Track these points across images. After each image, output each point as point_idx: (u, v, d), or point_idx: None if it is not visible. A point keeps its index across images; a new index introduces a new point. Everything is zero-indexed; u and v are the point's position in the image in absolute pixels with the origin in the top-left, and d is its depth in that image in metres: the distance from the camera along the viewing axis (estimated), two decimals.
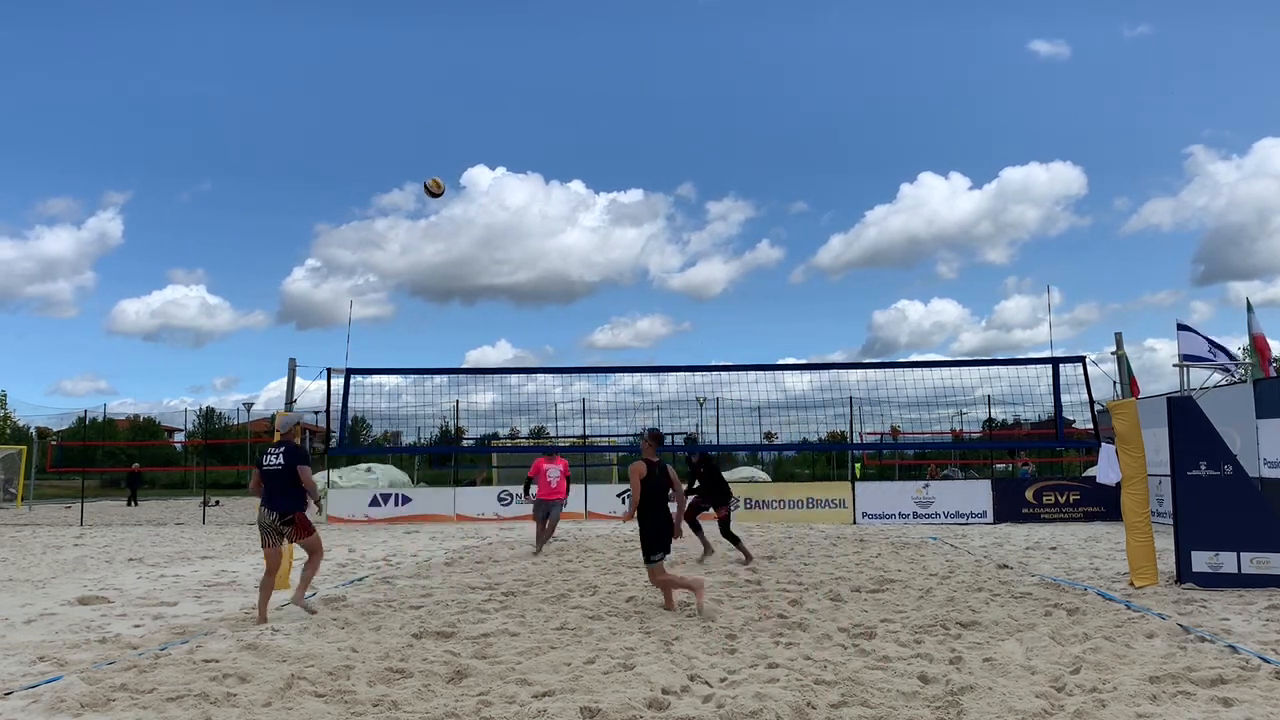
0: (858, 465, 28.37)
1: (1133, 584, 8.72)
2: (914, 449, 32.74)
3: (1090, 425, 10.57)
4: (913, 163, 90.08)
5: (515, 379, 13.37)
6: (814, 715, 4.46)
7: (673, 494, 7.95)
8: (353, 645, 6.24)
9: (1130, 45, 75.56)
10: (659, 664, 5.53)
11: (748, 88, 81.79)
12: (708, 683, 5.11)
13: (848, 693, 4.80)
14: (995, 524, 18.33)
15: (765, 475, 32.28)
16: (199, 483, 35.11)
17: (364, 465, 30.20)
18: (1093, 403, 10.34)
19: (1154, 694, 4.71)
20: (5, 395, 48.44)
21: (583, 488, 20.17)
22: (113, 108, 78.01)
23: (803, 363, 13.48)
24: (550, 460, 13.25)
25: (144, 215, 78.63)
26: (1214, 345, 15.26)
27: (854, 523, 18.98)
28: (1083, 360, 10.43)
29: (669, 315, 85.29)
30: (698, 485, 11.92)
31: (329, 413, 10.91)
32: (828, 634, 6.51)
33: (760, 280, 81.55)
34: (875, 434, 24.57)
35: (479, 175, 73.27)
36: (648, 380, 13.56)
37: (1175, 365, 15.41)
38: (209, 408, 52.21)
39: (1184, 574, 8.52)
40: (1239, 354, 17.06)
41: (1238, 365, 16.12)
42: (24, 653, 6.17)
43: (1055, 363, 10.56)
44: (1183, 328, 15.44)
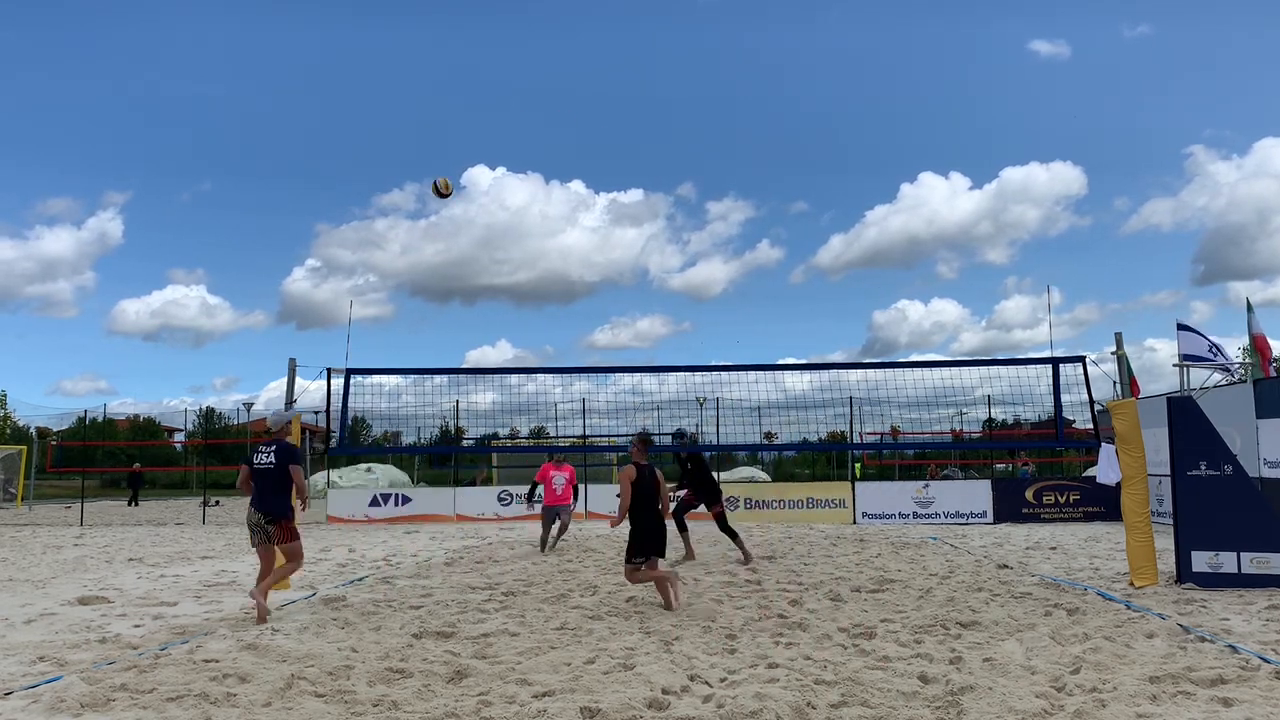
0: (858, 465, 28.36)
1: (1133, 584, 8.72)
2: (914, 449, 32.74)
3: (1090, 425, 10.56)
4: (913, 163, 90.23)
5: (515, 379, 13.38)
6: (814, 715, 4.46)
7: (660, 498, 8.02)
8: (353, 645, 6.24)
9: (1130, 45, 75.66)
10: (659, 664, 5.53)
11: (748, 88, 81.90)
12: (708, 683, 5.11)
13: (848, 693, 4.80)
14: (995, 524, 18.33)
15: (765, 475, 32.30)
16: (199, 483, 35.10)
17: (364, 465, 30.26)
18: (1093, 403, 10.34)
19: (1154, 694, 4.71)
20: (5, 395, 48.51)
21: (583, 488, 20.14)
22: (113, 108, 78.13)
23: (803, 363, 13.48)
24: (558, 467, 13.33)
25: (144, 215, 78.72)
26: (1213, 345, 15.26)
27: (854, 523, 18.98)
28: (1083, 360, 10.42)
29: (669, 315, 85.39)
30: (685, 481, 11.88)
31: (329, 413, 10.91)
32: (828, 634, 6.51)
33: (760, 280, 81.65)
34: (875, 434, 24.55)
35: (479, 175, 73.32)
36: (648, 380, 13.56)
37: (1175, 365, 15.42)
38: (209, 408, 52.24)
39: (1184, 574, 8.53)
40: (1237, 355, 17.06)
41: (1238, 366, 16.13)
42: (24, 653, 6.17)
43: (1055, 363, 10.55)
44: (1183, 328, 15.45)
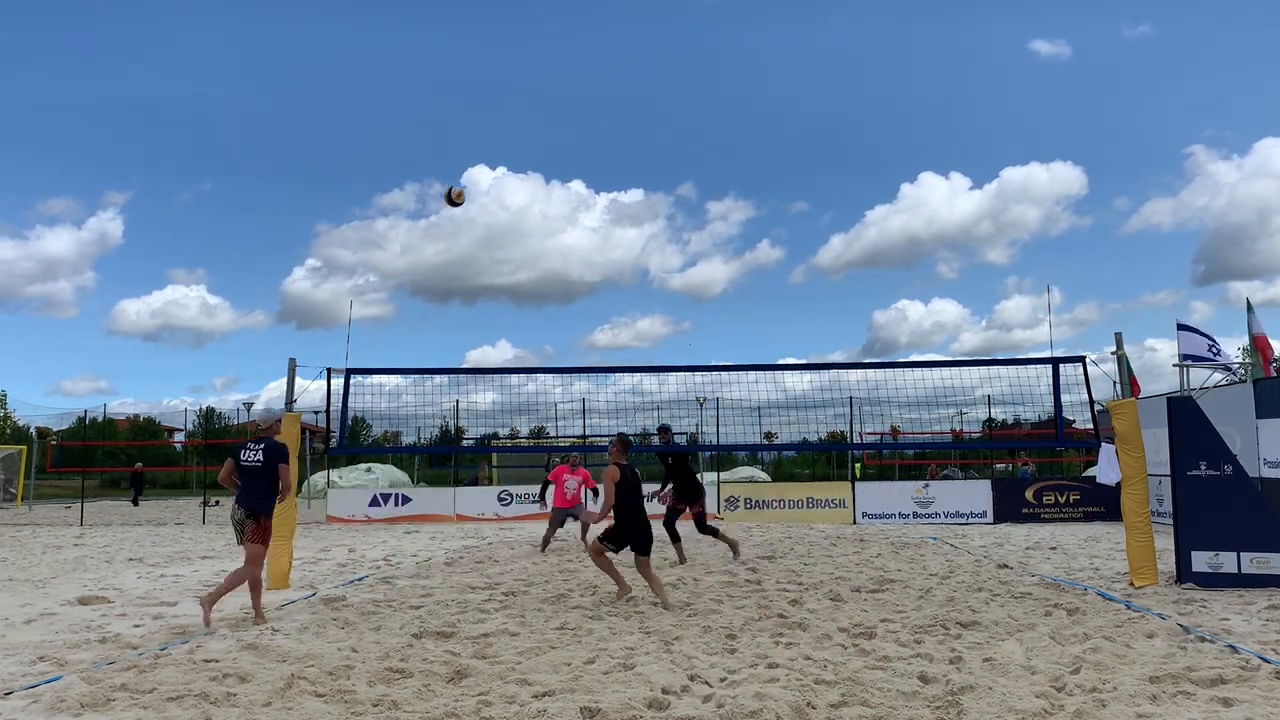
0: (858, 465, 28.36)
1: (1133, 584, 8.72)
2: (914, 449, 32.72)
3: (1090, 425, 10.55)
4: (913, 163, 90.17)
5: (515, 379, 13.33)
6: (814, 715, 4.46)
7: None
8: (353, 645, 6.25)
9: (1131, 45, 75.60)
10: (659, 664, 5.53)
11: (748, 88, 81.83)
12: (708, 683, 5.11)
13: (848, 693, 4.80)
14: (995, 524, 18.33)
15: (765, 475, 32.31)
16: (199, 483, 35.12)
17: (364, 465, 30.27)
18: (1093, 403, 10.32)
19: (1154, 694, 4.71)
20: (5, 395, 48.51)
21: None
22: (113, 108, 78.06)
23: (803, 363, 13.42)
24: (572, 471, 13.33)
25: (144, 215, 78.64)
26: (1212, 343, 15.26)
27: (854, 523, 18.98)
28: (1083, 360, 10.39)
29: (669, 315, 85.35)
30: (669, 480, 11.86)
31: (329, 413, 10.87)
32: (828, 634, 6.51)
33: (760, 280, 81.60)
34: (875, 434, 24.56)
35: (479, 175, 73.15)
36: (648, 380, 13.52)
37: (1175, 365, 15.40)
38: (209, 408, 52.17)
39: (1184, 574, 8.53)
40: (1237, 354, 17.07)
41: (1238, 366, 16.13)
42: (24, 653, 6.17)
43: (1055, 363, 10.53)
44: (1183, 328, 15.44)
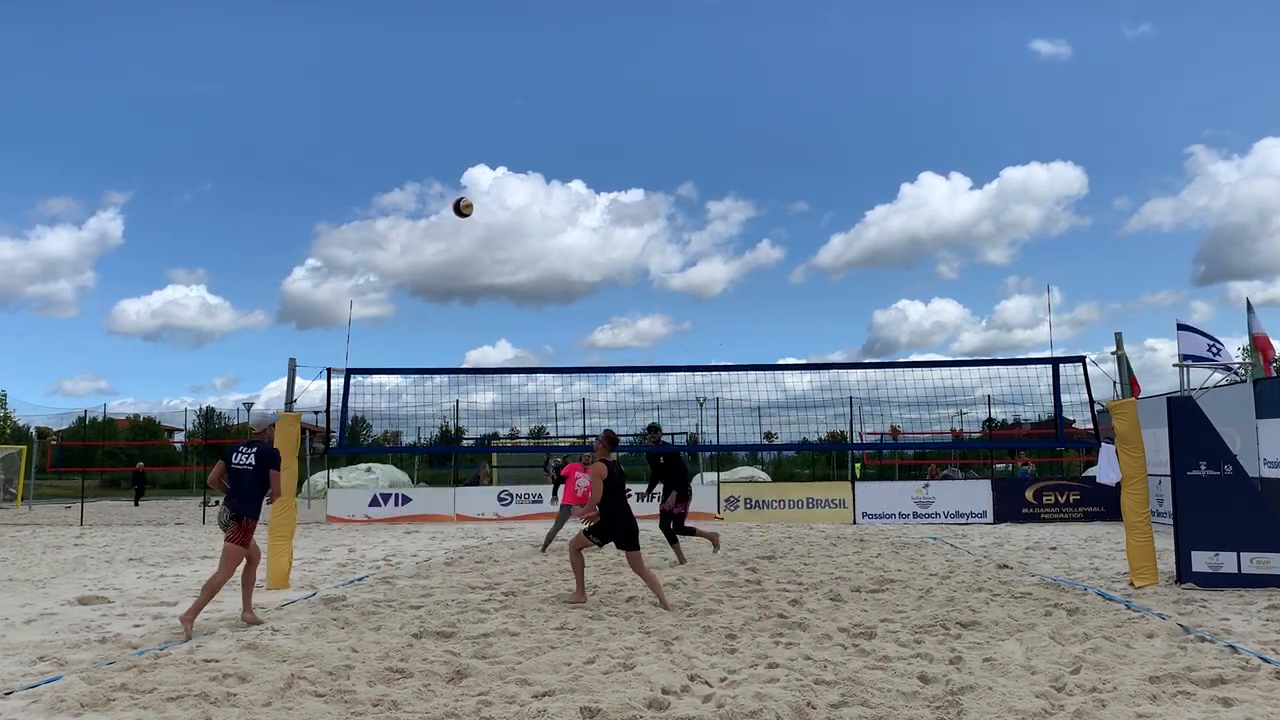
0: (858, 465, 28.37)
1: (1133, 584, 8.72)
2: (914, 449, 32.73)
3: (1090, 425, 10.54)
4: (913, 163, 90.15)
5: (515, 379, 13.33)
6: (814, 715, 4.46)
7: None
8: (353, 645, 6.25)
9: (1131, 45, 75.63)
10: (659, 664, 5.53)
11: (748, 88, 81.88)
12: (708, 683, 5.11)
13: (848, 693, 4.80)
14: (995, 524, 18.34)
15: (765, 475, 32.32)
16: (199, 483, 35.08)
17: (364, 465, 30.27)
18: (1093, 403, 10.32)
19: (1154, 694, 4.72)
20: (5, 395, 48.51)
21: None
22: (113, 108, 78.10)
23: (803, 363, 13.41)
24: (585, 469, 13.33)
25: (144, 215, 78.69)
26: (1214, 342, 15.25)
27: (854, 523, 18.98)
28: (1083, 360, 10.38)
29: (669, 315, 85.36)
30: (656, 479, 11.88)
31: (329, 413, 10.87)
32: (828, 634, 6.51)
33: (760, 280, 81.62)
34: (875, 434, 24.57)
35: (479, 175, 73.17)
36: (648, 380, 13.52)
37: (1175, 365, 15.40)
38: (209, 408, 52.17)
39: (1184, 574, 8.53)
40: (1237, 354, 17.07)
41: (1238, 366, 16.12)
42: (24, 653, 6.17)
43: (1055, 363, 10.52)
44: (1183, 328, 15.44)
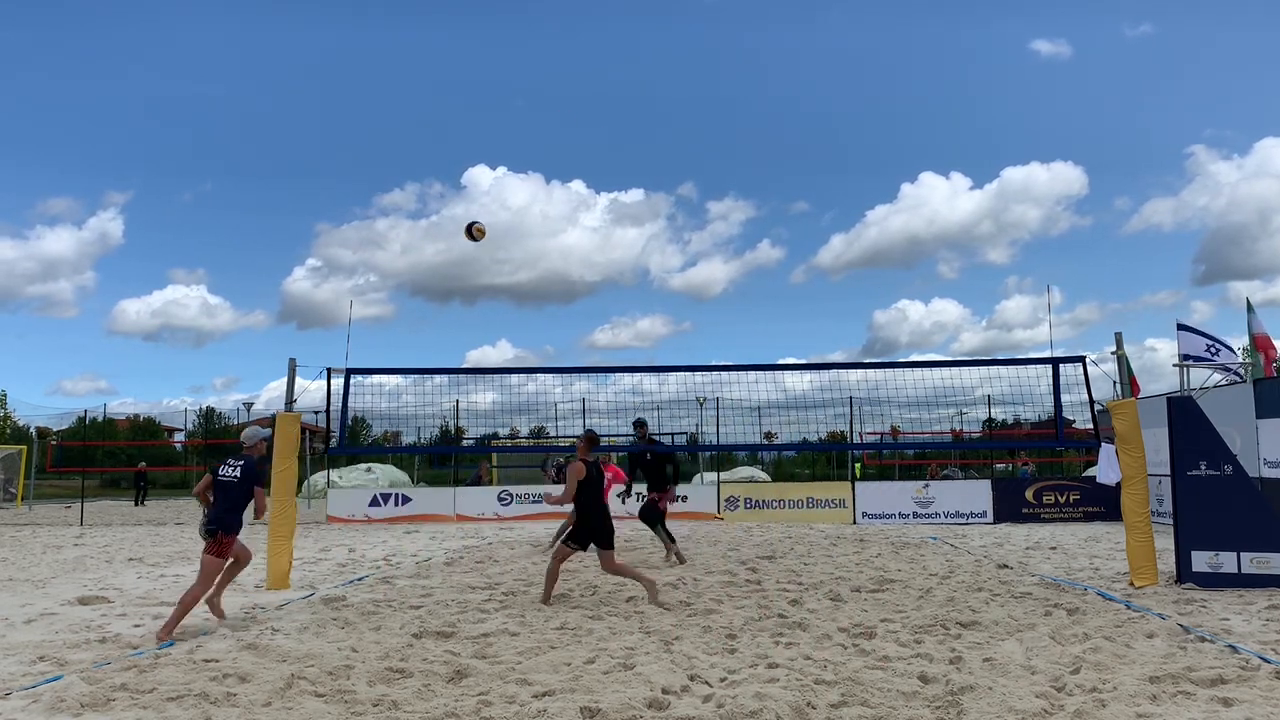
0: (858, 465, 28.38)
1: (1133, 584, 8.72)
2: (914, 449, 32.73)
3: (1090, 425, 10.54)
4: (913, 162, 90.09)
5: (515, 379, 13.34)
6: (814, 715, 4.46)
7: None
8: (353, 645, 6.25)
9: (1131, 45, 75.58)
10: (659, 664, 5.53)
11: (748, 88, 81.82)
12: (708, 683, 5.11)
13: (848, 693, 4.80)
14: (995, 524, 18.33)
15: (765, 475, 32.31)
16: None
17: (364, 465, 30.26)
18: (1093, 403, 10.32)
19: (1154, 694, 4.72)
20: (5, 395, 48.49)
21: None
22: (113, 108, 78.02)
23: (803, 363, 13.42)
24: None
25: (144, 215, 78.57)
26: (1214, 341, 15.26)
27: (854, 523, 18.98)
28: (1083, 360, 10.39)
29: (669, 315, 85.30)
30: (638, 472, 11.88)
31: (329, 413, 10.88)
32: (828, 634, 6.51)
33: (760, 280, 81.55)
34: (875, 434, 24.60)
35: (480, 175, 73.20)
36: (648, 380, 13.55)
37: (1175, 365, 15.42)
38: (209, 408, 52.10)
39: (1184, 574, 8.53)
40: (1238, 353, 17.07)
41: (1238, 365, 16.12)
42: (24, 653, 6.17)
43: (1055, 363, 10.53)
44: (1183, 328, 15.46)
